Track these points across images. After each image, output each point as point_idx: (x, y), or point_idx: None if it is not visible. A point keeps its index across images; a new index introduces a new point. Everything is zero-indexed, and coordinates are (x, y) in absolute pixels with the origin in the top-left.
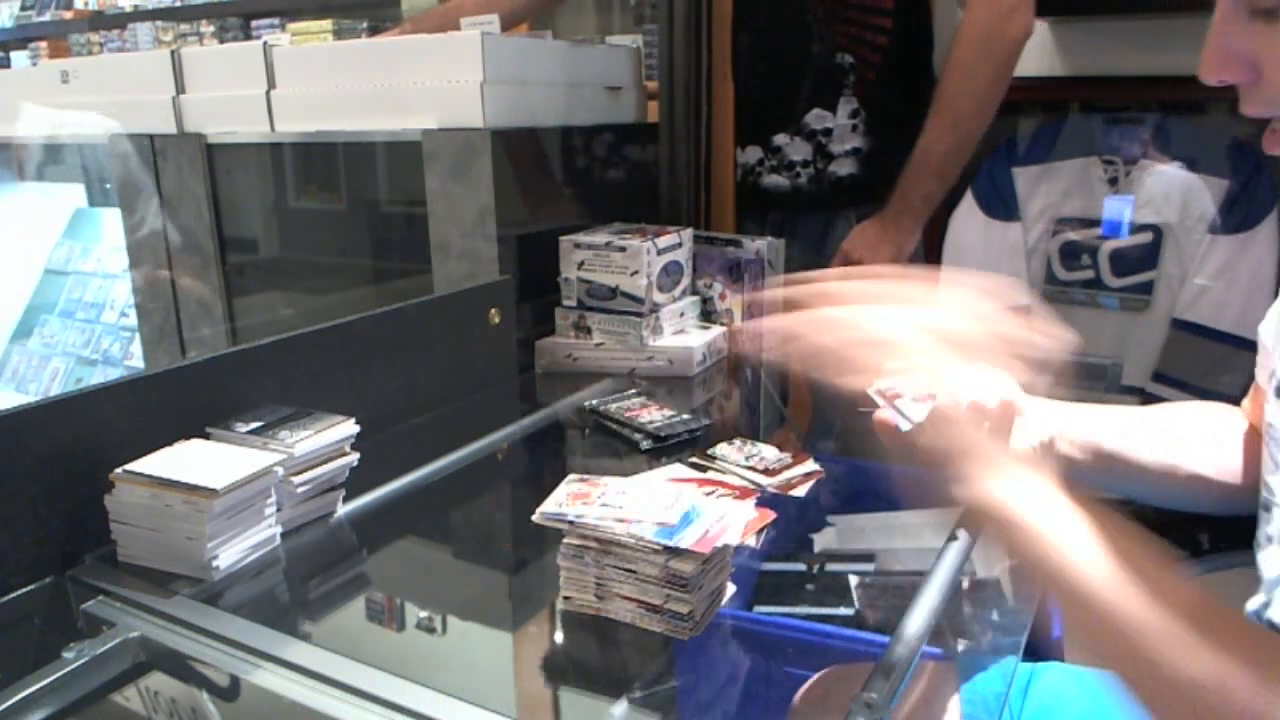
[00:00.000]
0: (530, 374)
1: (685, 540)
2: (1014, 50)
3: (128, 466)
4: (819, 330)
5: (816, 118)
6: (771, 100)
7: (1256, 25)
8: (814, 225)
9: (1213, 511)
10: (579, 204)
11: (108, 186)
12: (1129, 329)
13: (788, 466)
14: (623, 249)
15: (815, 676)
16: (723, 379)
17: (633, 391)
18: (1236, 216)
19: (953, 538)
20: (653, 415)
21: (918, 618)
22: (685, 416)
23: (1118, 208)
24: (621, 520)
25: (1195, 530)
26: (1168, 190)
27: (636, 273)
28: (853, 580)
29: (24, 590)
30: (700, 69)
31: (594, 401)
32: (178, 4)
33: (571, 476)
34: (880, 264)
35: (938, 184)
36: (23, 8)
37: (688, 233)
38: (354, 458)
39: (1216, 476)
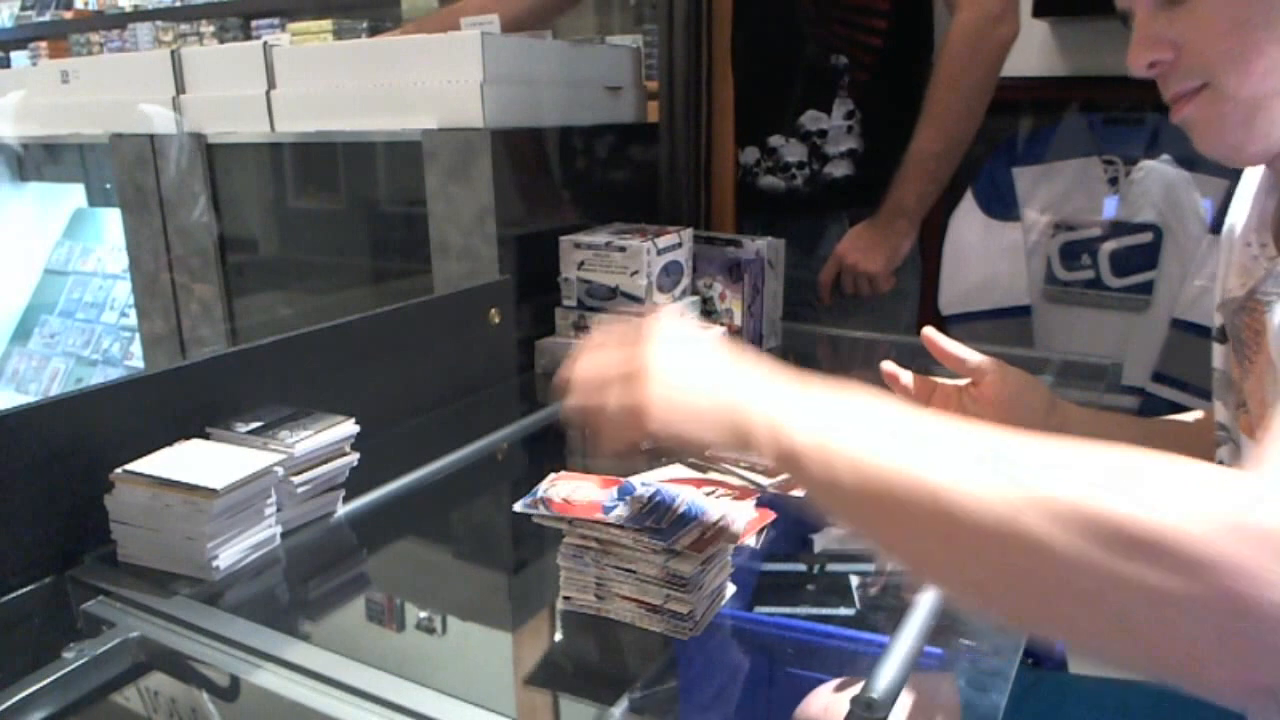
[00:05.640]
0: (530, 374)
1: (683, 541)
2: (1002, 52)
3: (128, 466)
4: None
5: (811, 119)
6: (766, 101)
7: (1169, 12)
8: (808, 228)
9: None
10: (579, 204)
11: (108, 186)
12: (1129, 329)
13: None
14: (623, 249)
15: (811, 694)
16: None
17: None
18: None
19: None
20: None
21: (918, 618)
22: None
23: (1118, 208)
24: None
25: None
26: (1168, 190)
27: (636, 273)
28: (853, 580)
29: (24, 590)
30: (700, 69)
31: None
32: (178, 4)
33: (552, 476)
34: (874, 267)
35: (931, 186)
36: (23, 7)
37: (688, 233)
38: (354, 458)
39: None
